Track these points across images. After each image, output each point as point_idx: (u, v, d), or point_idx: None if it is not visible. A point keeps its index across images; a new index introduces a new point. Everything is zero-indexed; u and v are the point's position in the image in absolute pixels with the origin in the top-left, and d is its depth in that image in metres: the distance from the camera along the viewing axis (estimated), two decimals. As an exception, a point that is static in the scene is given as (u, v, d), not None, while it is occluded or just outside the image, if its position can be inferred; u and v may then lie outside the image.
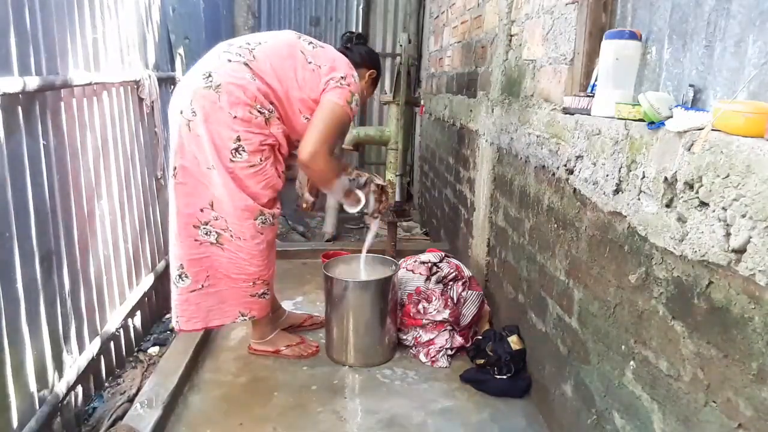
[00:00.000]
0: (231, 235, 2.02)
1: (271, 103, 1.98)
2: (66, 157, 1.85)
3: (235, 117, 1.91)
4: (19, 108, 1.58)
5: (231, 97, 1.91)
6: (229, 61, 1.96)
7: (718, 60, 1.26)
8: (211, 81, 1.92)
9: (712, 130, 1.05)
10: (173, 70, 3.13)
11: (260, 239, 2.06)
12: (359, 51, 2.30)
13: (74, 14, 1.93)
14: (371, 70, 2.31)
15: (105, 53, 2.18)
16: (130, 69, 2.45)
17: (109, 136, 2.20)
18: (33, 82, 1.60)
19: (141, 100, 2.55)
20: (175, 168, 2.00)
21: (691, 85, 1.33)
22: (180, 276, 2.06)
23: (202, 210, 2.00)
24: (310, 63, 2.03)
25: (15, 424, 1.54)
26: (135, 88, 2.49)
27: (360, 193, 2.23)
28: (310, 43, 2.10)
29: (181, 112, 1.95)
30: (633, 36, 1.50)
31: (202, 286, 2.07)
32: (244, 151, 1.94)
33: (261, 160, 1.98)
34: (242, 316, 2.16)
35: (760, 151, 0.91)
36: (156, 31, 2.82)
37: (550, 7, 1.93)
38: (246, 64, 1.95)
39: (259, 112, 1.95)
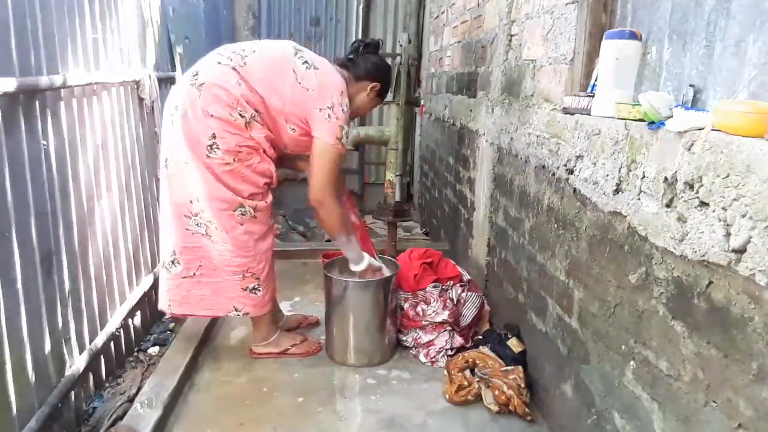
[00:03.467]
0: (215, 227, 2.05)
1: (255, 110, 1.99)
2: (66, 157, 1.85)
3: (212, 115, 1.94)
4: (19, 108, 1.58)
5: (210, 95, 1.95)
6: (219, 63, 2.00)
7: (718, 60, 1.26)
8: (196, 79, 1.98)
9: (712, 130, 1.05)
10: (173, 70, 3.13)
11: (241, 230, 2.06)
12: (365, 63, 2.23)
13: (74, 14, 1.93)
14: (374, 83, 2.24)
15: (105, 53, 2.18)
16: (130, 69, 2.45)
17: (109, 136, 2.21)
18: (33, 82, 1.60)
19: (141, 100, 2.55)
20: (166, 159, 2.05)
21: (691, 85, 1.33)
22: (173, 262, 2.10)
23: (191, 201, 2.03)
24: (300, 83, 2.01)
25: (15, 424, 1.54)
26: (135, 88, 2.49)
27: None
28: (305, 62, 2.04)
29: (168, 108, 2.04)
30: (633, 36, 1.50)
31: (194, 274, 2.11)
32: (218, 148, 1.96)
33: (234, 161, 1.98)
34: (236, 310, 2.16)
35: (760, 151, 0.91)
36: (156, 31, 2.82)
37: (550, 7, 1.93)
38: (234, 69, 1.97)
39: (240, 115, 1.96)
